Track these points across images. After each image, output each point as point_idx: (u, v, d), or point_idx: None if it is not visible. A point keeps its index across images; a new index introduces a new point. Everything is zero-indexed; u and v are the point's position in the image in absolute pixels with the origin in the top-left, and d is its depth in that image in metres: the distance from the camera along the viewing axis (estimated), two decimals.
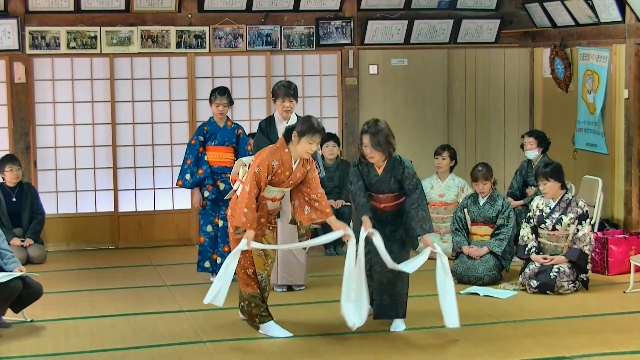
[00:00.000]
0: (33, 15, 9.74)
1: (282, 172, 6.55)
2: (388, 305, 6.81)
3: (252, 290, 6.67)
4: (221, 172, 8.33)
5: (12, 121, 9.76)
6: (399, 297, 6.79)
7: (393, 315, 6.81)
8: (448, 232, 9.02)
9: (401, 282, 6.78)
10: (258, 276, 6.66)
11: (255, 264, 6.65)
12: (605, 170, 9.58)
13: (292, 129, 6.57)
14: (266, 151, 6.61)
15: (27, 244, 9.26)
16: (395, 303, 6.80)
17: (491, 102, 11.00)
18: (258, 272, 6.66)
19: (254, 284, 6.66)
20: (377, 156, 6.66)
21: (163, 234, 10.23)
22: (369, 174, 6.77)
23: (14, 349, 6.45)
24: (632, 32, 9.17)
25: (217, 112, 8.43)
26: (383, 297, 6.82)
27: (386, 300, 6.81)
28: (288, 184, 6.62)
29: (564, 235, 7.88)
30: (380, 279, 6.80)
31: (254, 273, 6.66)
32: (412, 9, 10.61)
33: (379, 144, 6.61)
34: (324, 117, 10.47)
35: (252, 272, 6.65)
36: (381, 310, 6.83)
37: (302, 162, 6.63)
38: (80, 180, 10.06)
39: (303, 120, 6.63)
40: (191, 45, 10.12)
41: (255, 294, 6.67)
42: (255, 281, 6.66)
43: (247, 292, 6.68)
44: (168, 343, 6.54)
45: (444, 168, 9.45)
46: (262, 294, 6.70)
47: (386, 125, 6.69)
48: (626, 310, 7.27)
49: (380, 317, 6.86)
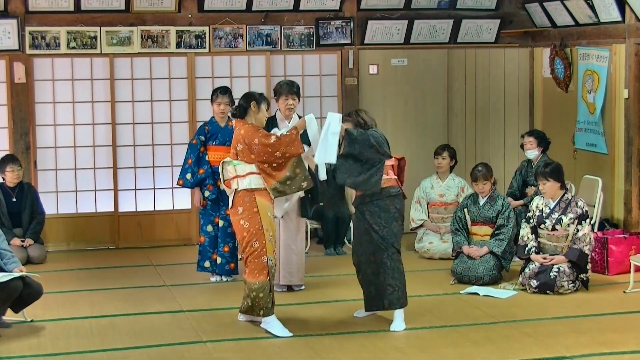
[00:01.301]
0: (33, 15, 9.74)
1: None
2: (375, 297, 6.91)
3: (263, 279, 6.73)
4: None
5: (12, 121, 9.76)
6: (383, 287, 6.84)
7: (380, 306, 6.89)
8: (448, 232, 9.02)
9: (383, 273, 6.84)
10: (269, 262, 6.75)
11: (267, 248, 6.74)
12: (605, 170, 9.58)
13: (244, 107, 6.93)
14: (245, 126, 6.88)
15: (27, 244, 9.27)
16: (380, 294, 6.86)
17: (491, 102, 11.00)
18: (269, 257, 6.75)
19: (265, 272, 6.74)
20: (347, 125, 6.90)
21: (163, 234, 10.23)
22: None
23: (14, 349, 6.45)
24: (632, 32, 9.17)
25: (219, 111, 8.43)
26: (370, 288, 6.94)
27: (373, 292, 6.91)
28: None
29: (564, 235, 7.88)
30: (365, 270, 6.91)
31: (267, 260, 6.73)
32: (412, 9, 10.61)
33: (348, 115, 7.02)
34: (324, 117, 10.40)
35: (266, 259, 6.73)
36: (369, 301, 6.97)
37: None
38: (80, 180, 10.06)
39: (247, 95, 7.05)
40: (191, 45, 10.12)
41: (265, 283, 6.73)
42: (267, 269, 6.74)
43: (257, 281, 6.73)
44: (168, 343, 6.54)
45: (444, 168, 9.45)
46: (270, 283, 6.77)
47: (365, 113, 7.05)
48: (626, 310, 7.27)
49: (370, 309, 6.99)
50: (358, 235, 6.95)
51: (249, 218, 6.75)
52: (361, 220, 6.88)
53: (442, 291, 7.95)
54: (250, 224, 6.74)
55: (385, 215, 6.82)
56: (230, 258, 8.36)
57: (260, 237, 6.73)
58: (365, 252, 6.87)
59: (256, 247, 6.73)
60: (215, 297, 7.83)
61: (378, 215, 6.82)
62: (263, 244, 6.73)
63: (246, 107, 6.95)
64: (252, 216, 6.74)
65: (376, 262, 6.83)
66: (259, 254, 6.74)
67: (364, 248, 6.88)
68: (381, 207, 6.82)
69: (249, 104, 6.95)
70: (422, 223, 9.43)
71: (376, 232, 6.81)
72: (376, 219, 6.82)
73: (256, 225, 6.73)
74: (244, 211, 6.77)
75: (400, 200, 6.93)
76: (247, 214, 6.75)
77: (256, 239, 6.73)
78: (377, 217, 6.82)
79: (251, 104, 6.94)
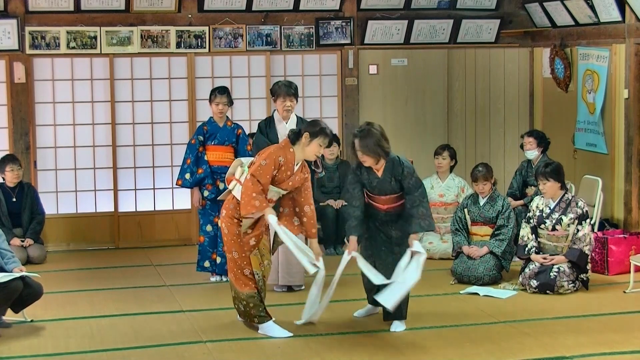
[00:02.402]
0: (33, 15, 9.74)
1: (285, 169, 6.59)
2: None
3: (250, 290, 6.68)
4: (221, 172, 8.32)
5: (12, 121, 9.76)
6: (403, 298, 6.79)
7: (398, 316, 6.82)
8: (448, 232, 9.03)
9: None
10: (255, 276, 6.68)
11: (252, 263, 6.68)
12: (605, 170, 9.58)
13: (302, 130, 6.61)
14: (272, 148, 6.69)
15: (27, 244, 9.26)
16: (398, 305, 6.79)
17: (491, 102, 11.00)
18: (255, 271, 6.69)
19: (252, 284, 6.68)
20: (368, 160, 6.66)
21: (163, 234, 10.23)
22: (369, 177, 6.77)
23: (14, 349, 6.45)
24: (632, 32, 9.18)
25: (217, 111, 8.43)
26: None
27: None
28: (287, 184, 6.63)
29: (564, 235, 7.88)
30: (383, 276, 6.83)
31: (251, 273, 6.68)
32: (412, 9, 10.61)
33: (368, 147, 6.60)
34: (324, 117, 10.47)
35: (249, 272, 6.67)
36: (387, 311, 6.82)
37: (302, 166, 6.67)
38: (80, 180, 10.06)
39: (314, 122, 6.71)
40: (191, 45, 10.12)
41: (253, 294, 6.68)
42: (253, 281, 6.68)
43: (245, 292, 6.69)
44: (168, 343, 6.54)
45: (444, 168, 9.45)
46: (260, 294, 6.71)
47: (379, 129, 6.66)
48: (626, 310, 7.27)
49: (388, 319, 6.88)
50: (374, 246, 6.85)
51: (228, 225, 6.67)
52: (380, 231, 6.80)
53: (442, 291, 7.95)
54: (229, 230, 6.67)
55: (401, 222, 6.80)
56: None
57: (238, 248, 6.63)
58: (384, 262, 6.76)
59: (236, 257, 6.65)
60: (215, 297, 7.83)
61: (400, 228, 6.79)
62: (243, 257, 6.64)
63: (299, 135, 6.60)
64: (231, 224, 6.65)
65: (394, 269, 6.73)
66: (240, 265, 6.66)
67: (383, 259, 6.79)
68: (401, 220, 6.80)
69: (300, 132, 6.59)
70: None
71: (397, 245, 6.77)
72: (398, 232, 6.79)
73: (234, 235, 6.64)
74: (225, 216, 6.72)
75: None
76: (228, 220, 6.66)
77: (235, 250, 6.64)
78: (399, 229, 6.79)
79: (304, 134, 6.57)
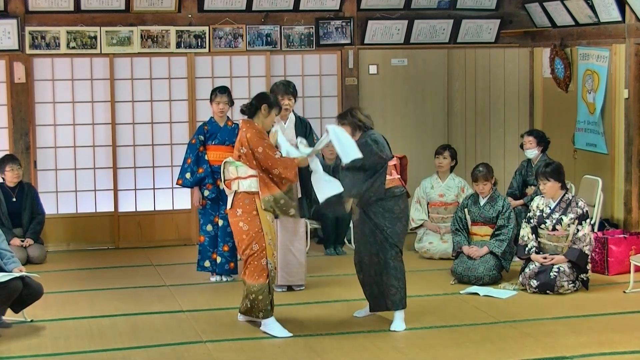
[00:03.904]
0: (33, 15, 9.74)
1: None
2: (378, 297, 6.91)
3: (262, 282, 6.73)
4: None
5: (12, 121, 9.76)
6: (386, 288, 6.85)
7: (383, 306, 6.90)
8: (448, 232, 9.02)
9: (387, 274, 6.84)
10: (268, 265, 6.74)
11: (267, 251, 6.74)
12: (605, 170, 9.58)
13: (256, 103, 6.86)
14: (251, 134, 6.77)
15: (27, 244, 9.26)
16: (383, 295, 6.87)
17: (491, 102, 11.00)
18: (268, 260, 6.75)
19: (265, 275, 6.73)
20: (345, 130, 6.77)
21: (163, 234, 10.23)
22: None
23: (14, 349, 6.45)
24: (632, 32, 9.17)
25: (218, 111, 8.42)
26: (373, 288, 6.94)
27: (376, 292, 6.92)
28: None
29: (564, 235, 7.88)
30: (368, 270, 6.92)
31: (267, 263, 6.73)
32: (412, 9, 10.61)
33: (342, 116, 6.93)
34: (323, 117, 10.47)
35: (265, 262, 6.73)
36: (373, 301, 6.97)
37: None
38: (80, 180, 10.06)
39: (265, 94, 7.09)
40: (191, 45, 10.12)
41: (264, 285, 6.73)
42: (266, 271, 6.74)
43: (257, 284, 6.73)
44: (168, 343, 6.54)
45: (445, 168, 9.45)
46: (270, 286, 6.76)
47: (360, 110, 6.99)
48: (626, 310, 7.27)
49: (374, 310, 6.99)
50: (362, 236, 6.94)
51: (248, 220, 6.73)
52: (366, 220, 6.87)
53: (442, 291, 7.95)
54: (250, 226, 6.73)
55: (390, 216, 6.81)
56: (230, 257, 8.36)
57: (260, 239, 6.72)
58: (369, 253, 6.87)
59: (256, 249, 6.72)
60: (215, 297, 7.83)
61: (382, 216, 6.81)
62: (263, 247, 6.73)
63: (257, 107, 6.87)
64: (251, 219, 6.73)
65: (380, 262, 6.84)
66: (258, 256, 6.74)
67: (368, 248, 6.87)
68: (385, 208, 6.81)
69: (260, 105, 6.88)
70: (422, 223, 9.43)
71: (381, 232, 6.80)
72: (381, 219, 6.81)
73: (256, 227, 6.72)
74: (243, 213, 6.75)
75: (404, 200, 6.94)
76: (247, 216, 6.74)
77: (256, 242, 6.72)
78: (382, 217, 6.81)
79: (262, 107, 6.86)
